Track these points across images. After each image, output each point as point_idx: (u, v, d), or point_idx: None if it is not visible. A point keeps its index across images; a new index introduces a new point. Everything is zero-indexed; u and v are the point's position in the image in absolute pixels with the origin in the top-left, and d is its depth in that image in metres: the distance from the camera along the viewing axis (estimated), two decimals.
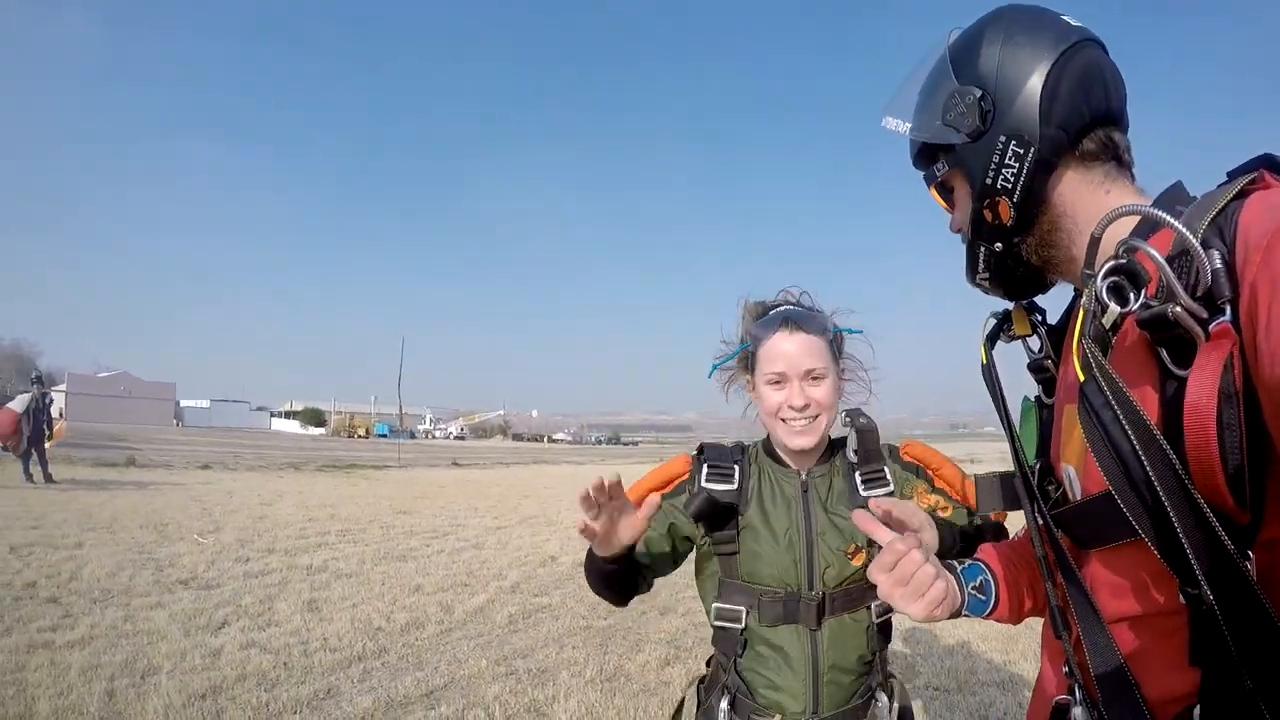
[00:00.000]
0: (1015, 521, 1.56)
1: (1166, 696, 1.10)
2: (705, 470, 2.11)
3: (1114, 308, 1.08)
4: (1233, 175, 1.14)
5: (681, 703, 2.23)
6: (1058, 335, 1.46)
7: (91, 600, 7.33)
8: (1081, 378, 1.10)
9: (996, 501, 1.55)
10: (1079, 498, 1.26)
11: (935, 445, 2.15)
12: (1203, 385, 0.92)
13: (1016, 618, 1.59)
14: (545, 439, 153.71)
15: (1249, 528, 0.96)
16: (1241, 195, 1.06)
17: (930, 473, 2.13)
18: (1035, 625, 1.55)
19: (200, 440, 48.49)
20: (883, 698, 2.02)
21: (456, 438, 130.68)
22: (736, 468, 2.11)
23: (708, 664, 2.20)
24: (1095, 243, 1.16)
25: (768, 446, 2.17)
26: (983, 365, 1.51)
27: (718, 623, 2.06)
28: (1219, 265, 0.97)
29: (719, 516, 2.05)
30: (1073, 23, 1.31)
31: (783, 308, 2.15)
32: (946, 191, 1.45)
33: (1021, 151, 1.26)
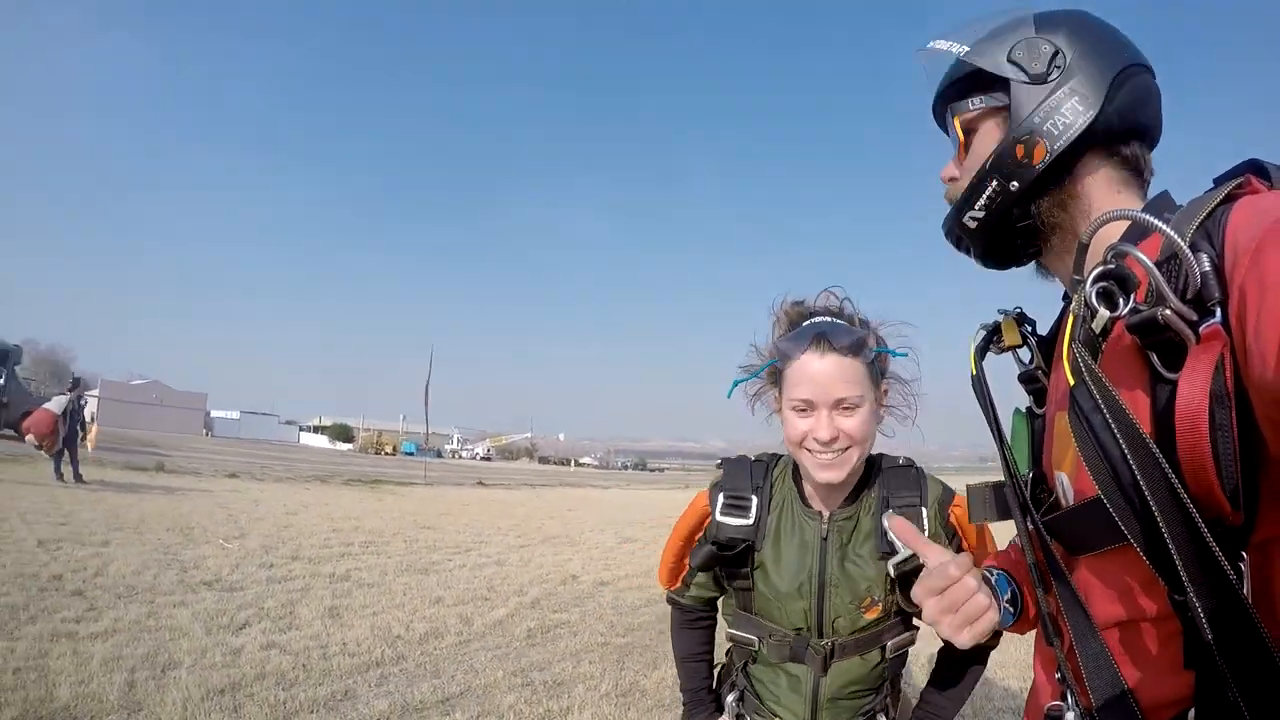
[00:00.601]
0: (1007, 530, 1.52)
1: (1161, 701, 1.10)
2: (721, 502, 1.98)
3: (1103, 312, 1.08)
4: (1219, 181, 1.15)
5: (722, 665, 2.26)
6: (1047, 346, 1.46)
7: (116, 595, 7.39)
8: (1072, 382, 1.10)
9: (989, 511, 1.53)
10: (1071, 504, 1.25)
11: (966, 478, 1.98)
12: (1194, 387, 0.93)
13: (1029, 626, 1.58)
14: (571, 463, 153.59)
15: (1242, 529, 0.96)
16: (1229, 200, 1.07)
17: (964, 544, 1.92)
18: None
19: (229, 450, 48.86)
20: (882, 719, 1.98)
21: (483, 458, 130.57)
22: (755, 498, 1.96)
23: (726, 654, 2.19)
24: (1084, 248, 1.17)
25: (796, 470, 1.97)
26: (972, 376, 1.49)
27: (732, 640, 2.07)
28: (1208, 268, 0.97)
29: (733, 555, 1.94)
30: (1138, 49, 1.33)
31: (817, 320, 1.89)
32: (966, 131, 1.42)
33: (1081, 108, 1.26)
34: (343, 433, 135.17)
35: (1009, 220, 1.36)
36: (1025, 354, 1.49)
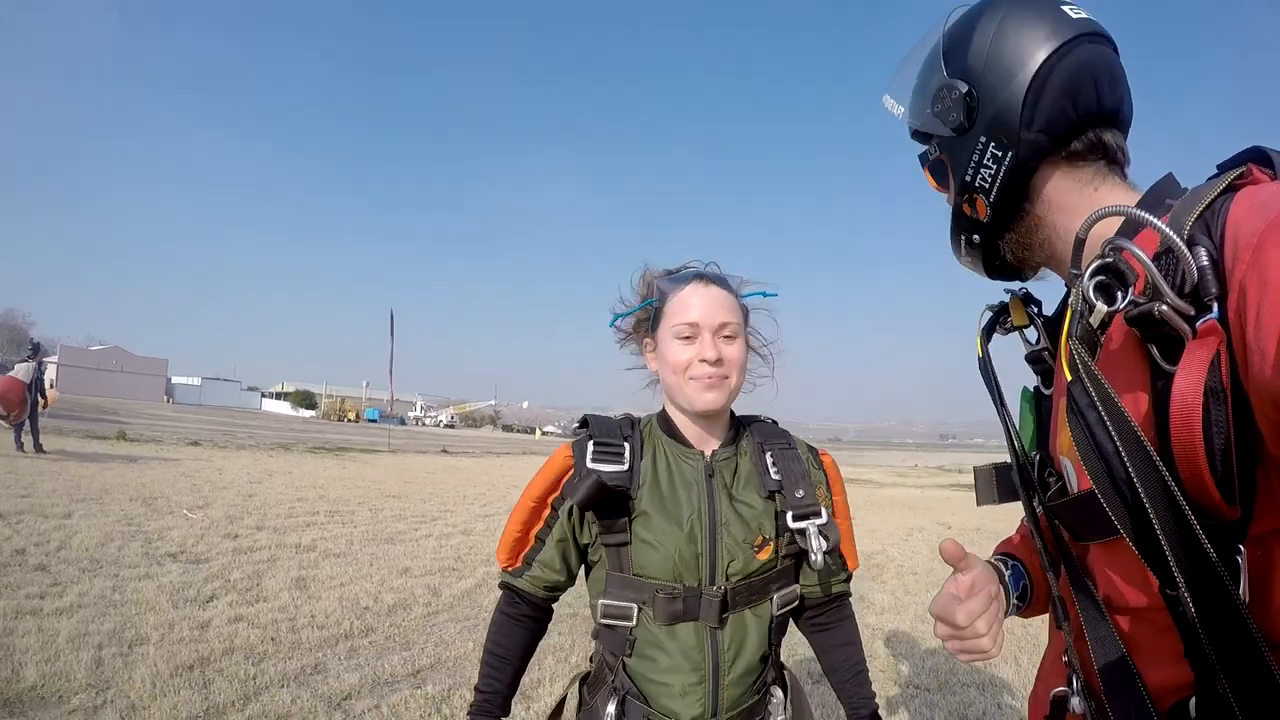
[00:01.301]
0: (1013, 513, 1.53)
1: (1166, 686, 1.10)
2: (591, 449, 1.89)
3: (1101, 307, 1.08)
4: (1223, 168, 1.14)
5: (561, 701, 2.07)
6: (1054, 326, 1.45)
7: (80, 569, 7.34)
8: (1069, 378, 1.09)
9: (994, 493, 1.55)
10: (1075, 491, 1.26)
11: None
12: (1188, 382, 0.92)
13: (1037, 611, 1.58)
14: (536, 431, 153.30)
15: (1239, 523, 0.96)
16: (1231, 190, 1.06)
17: (831, 491, 2.00)
18: (1015, 628, 1.53)
19: (191, 417, 48.44)
20: (777, 692, 1.93)
21: (447, 426, 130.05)
22: (627, 445, 1.91)
23: (590, 659, 2.01)
24: (1080, 243, 1.16)
25: (665, 423, 1.97)
26: (979, 358, 1.51)
27: (604, 620, 1.86)
28: (1205, 262, 0.97)
29: (609, 503, 1.83)
30: (1073, 14, 1.27)
31: (691, 268, 1.99)
32: (941, 171, 1.43)
33: (1000, 154, 1.28)
34: (305, 399, 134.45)
35: (989, 259, 1.42)
36: (1032, 333, 1.48)
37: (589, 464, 1.86)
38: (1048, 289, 1.49)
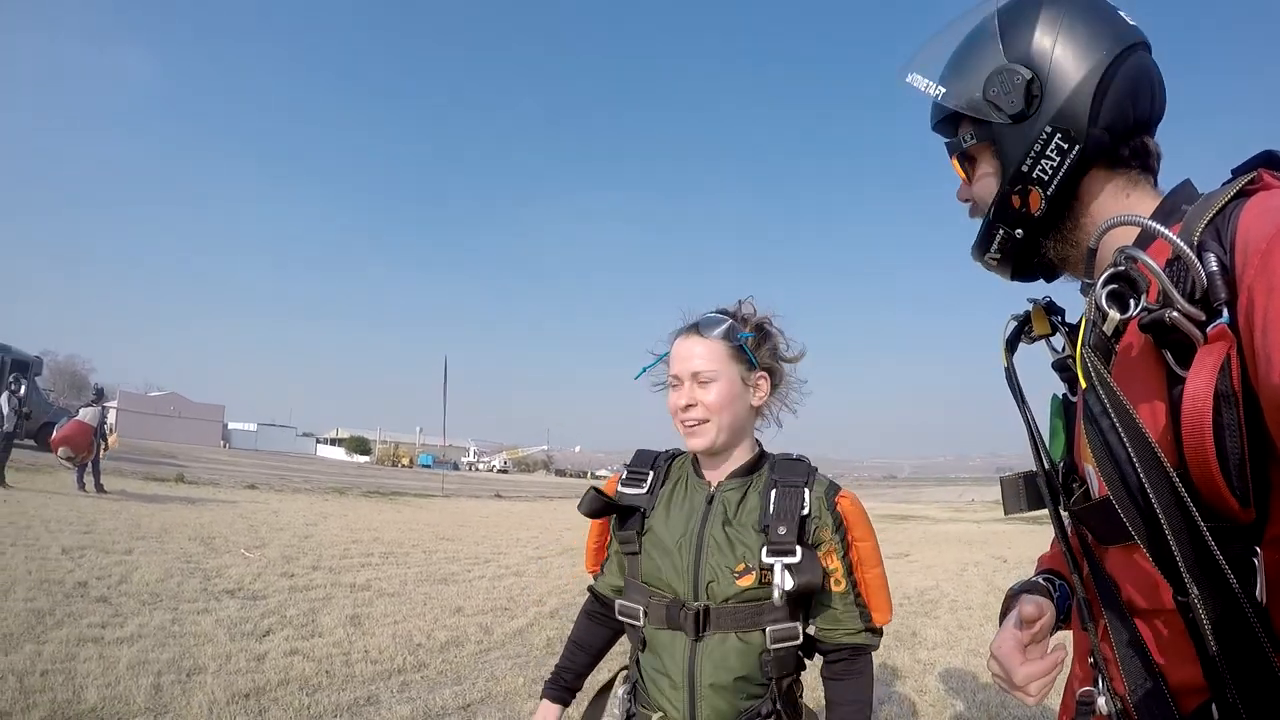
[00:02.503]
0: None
1: (1188, 687, 1.10)
2: (625, 474, 2.20)
3: (1114, 315, 1.08)
4: (1236, 172, 1.15)
5: (610, 681, 2.26)
6: (1078, 333, 1.39)
7: (140, 602, 7.45)
8: (1083, 386, 1.09)
9: (1021, 502, 1.55)
10: (1097, 496, 1.25)
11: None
12: (1198, 387, 0.93)
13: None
14: (588, 474, 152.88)
15: (1255, 526, 0.97)
16: (1242, 195, 1.07)
17: (850, 536, 2.00)
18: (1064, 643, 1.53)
19: (247, 461, 48.95)
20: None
21: (500, 470, 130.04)
22: (652, 473, 2.16)
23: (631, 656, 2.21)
24: (1092, 253, 1.17)
25: (695, 456, 2.16)
26: (1005, 368, 1.51)
27: (622, 617, 2.11)
28: (1214, 268, 0.98)
29: (625, 518, 2.12)
30: (1129, 21, 1.27)
31: (701, 316, 2.14)
32: (967, 160, 1.42)
33: (1066, 147, 1.24)
34: (359, 445, 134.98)
35: (1027, 257, 1.38)
36: (1058, 341, 1.47)
37: (620, 488, 2.16)
38: (1070, 297, 1.47)
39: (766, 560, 1.90)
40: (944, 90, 1.37)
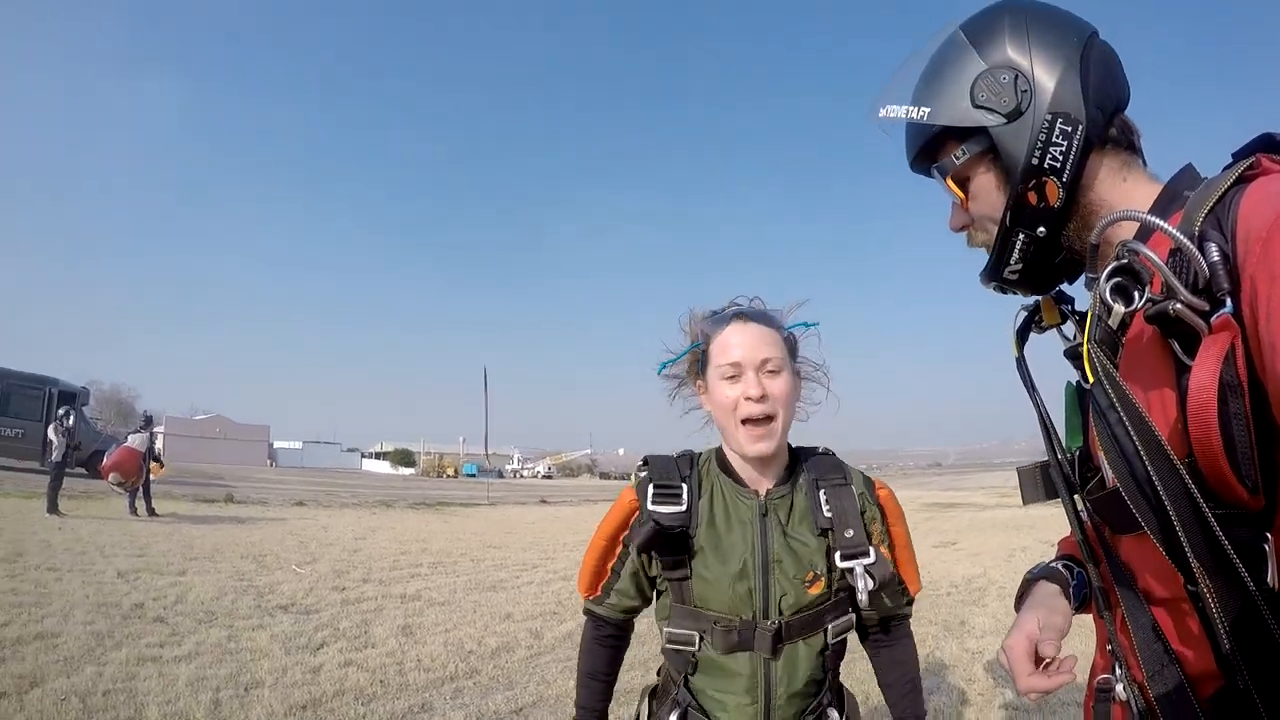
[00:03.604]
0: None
1: (1205, 673, 1.10)
2: (651, 492, 1.97)
3: (1118, 308, 1.09)
4: (1237, 156, 1.15)
5: (637, 716, 2.15)
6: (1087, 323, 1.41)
7: (196, 621, 7.57)
8: (1090, 379, 1.11)
9: (1039, 491, 1.54)
10: (1109, 486, 1.24)
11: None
12: (1203, 377, 0.93)
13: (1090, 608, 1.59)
14: (632, 476, 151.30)
15: (1264, 513, 0.97)
16: (1242, 181, 1.07)
17: (888, 522, 2.02)
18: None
19: (294, 479, 49.34)
20: (834, 715, 1.96)
21: (544, 476, 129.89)
22: (685, 485, 1.97)
23: (658, 673, 2.12)
24: (1095, 248, 1.17)
25: (722, 459, 2.04)
26: (1015, 358, 1.49)
27: (670, 644, 1.95)
28: (1215, 258, 0.98)
29: (669, 542, 1.90)
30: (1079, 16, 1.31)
31: (734, 307, 2.05)
32: (958, 183, 1.39)
33: (1069, 129, 1.23)
34: (404, 457, 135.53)
35: (1049, 257, 1.35)
36: (1069, 329, 1.47)
37: (650, 506, 1.94)
38: (1075, 287, 1.47)
39: (842, 564, 1.88)
40: (928, 110, 1.35)
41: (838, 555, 1.89)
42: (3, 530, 12.99)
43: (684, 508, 1.94)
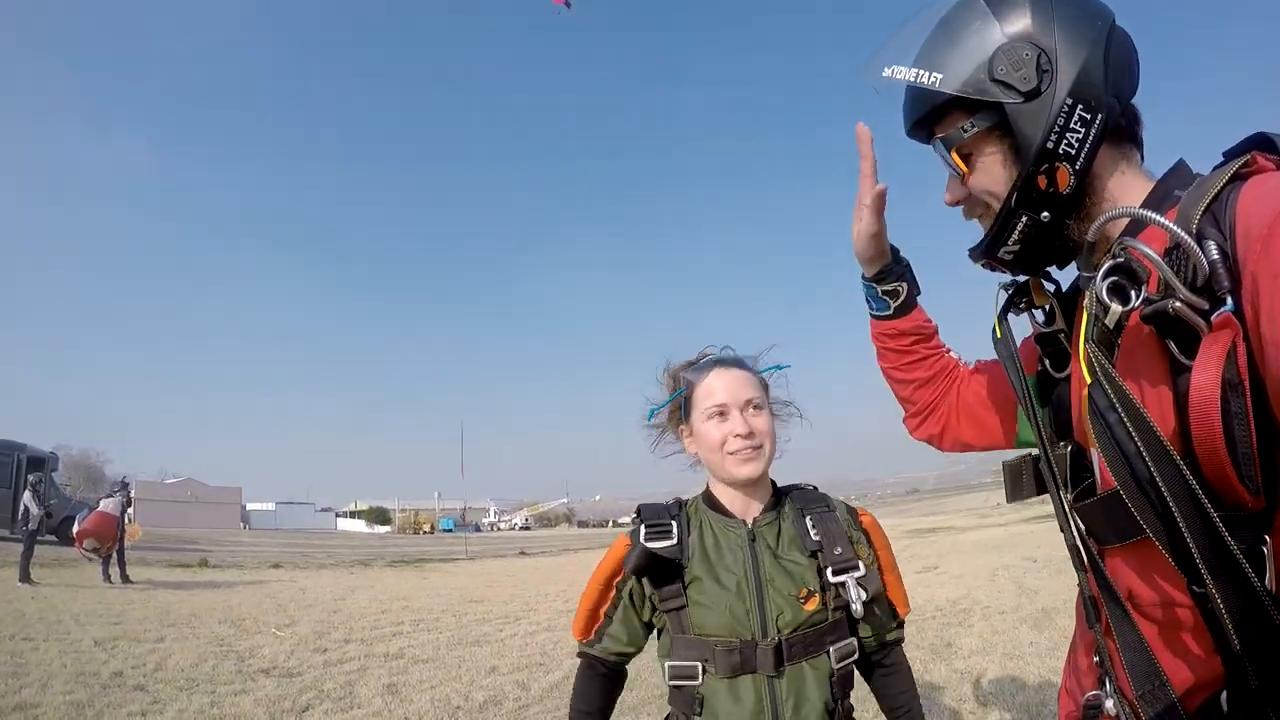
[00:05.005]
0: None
1: (1194, 684, 1.10)
2: (644, 531, 2.03)
3: (1115, 308, 1.08)
4: (1229, 155, 1.15)
5: None
6: (1069, 304, 1.42)
7: (178, 688, 7.44)
8: (1088, 380, 1.10)
9: (1024, 488, 1.53)
10: (1101, 484, 1.25)
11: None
12: (1205, 376, 0.93)
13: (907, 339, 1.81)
14: (610, 523, 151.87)
15: (1264, 513, 0.97)
16: (1238, 178, 1.07)
17: (875, 547, 2.12)
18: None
19: (269, 541, 48.86)
20: None
21: (522, 528, 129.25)
22: (674, 523, 2.05)
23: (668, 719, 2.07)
24: (1091, 246, 1.19)
25: (709, 498, 2.12)
26: (996, 340, 1.47)
27: (673, 682, 1.96)
28: (1215, 256, 0.98)
29: (663, 572, 1.99)
30: None
31: (710, 356, 2.21)
32: (975, 148, 1.34)
33: (1089, 117, 1.20)
34: (380, 515, 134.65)
35: (1047, 243, 1.32)
36: (1040, 314, 1.46)
37: (643, 542, 2.00)
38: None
39: (833, 579, 1.94)
40: (940, 76, 1.28)
41: (829, 571, 1.96)
42: None
43: (674, 541, 2.00)
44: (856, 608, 1.91)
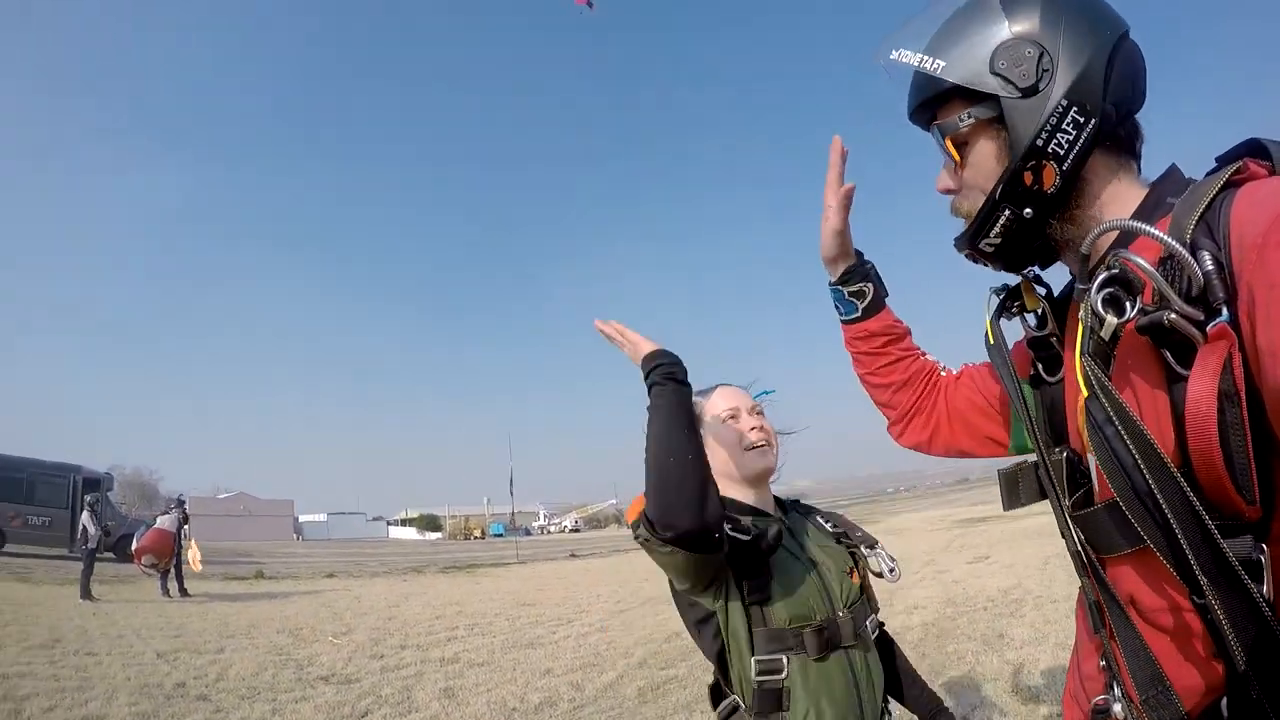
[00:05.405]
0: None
1: (1197, 688, 1.11)
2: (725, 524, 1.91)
3: (1111, 320, 1.08)
4: (1221, 161, 1.16)
5: None
6: (1061, 308, 1.42)
7: (239, 697, 7.58)
8: (1085, 394, 1.10)
9: (1020, 496, 1.53)
10: (1099, 493, 1.25)
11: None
12: (1202, 387, 0.94)
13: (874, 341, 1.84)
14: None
15: (1261, 522, 0.98)
16: (1231, 185, 1.07)
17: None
18: None
19: (321, 551, 49.40)
20: (894, 708, 2.09)
21: (572, 530, 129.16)
22: (744, 520, 1.97)
23: None
24: (1086, 258, 1.20)
25: (732, 504, 2.07)
26: (989, 344, 1.47)
27: (759, 678, 1.86)
28: (1210, 267, 0.99)
29: (754, 562, 1.90)
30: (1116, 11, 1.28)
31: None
32: (957, 146, 1.35)
33: (1082, 120, 1.20)
34: (430, 522, 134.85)
35: (1027, 241, 1.33)
36: (1032, 318, 1.46)
37: (729, 532, 1.88)
38: (1053, 272, 1.45)
39: (867, 553, 2.13)
40: (942, 64, 1.29)
41: (862, 547, 2.13)
42: (39, 617, 13.02)
43: (759, 531, 1.93)
44: (896, 572, 2.11)
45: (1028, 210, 1.27)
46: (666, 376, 1.80)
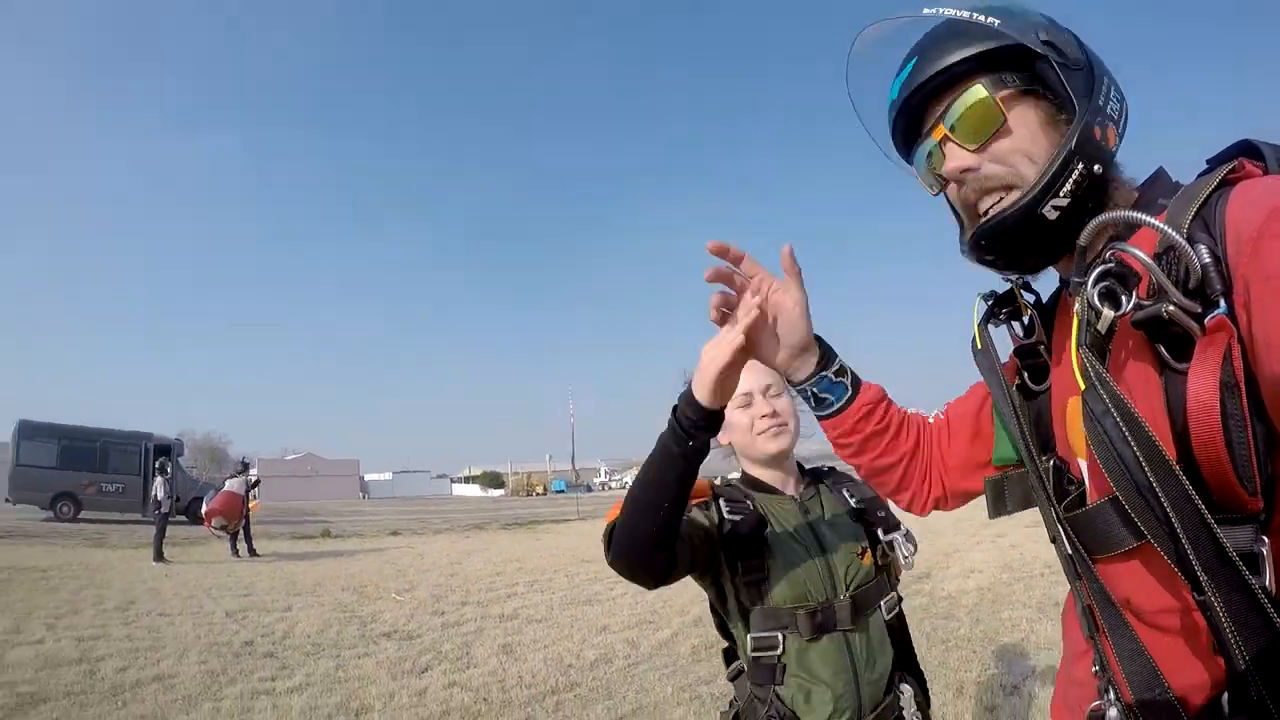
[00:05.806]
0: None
1: (1195, 687, 1.09)
2: (723, 504, 2.04)
3: (1107, 313, 1.08)
4: (1212, 163, 1.15)
5: None
6: (1046, 315, 1.41)
7: (304, 653, 7.83)
8: (1082, 386, 1.09)
9: (1006, 503, 1.51)
10: (1092, 499, 1.23)
11: None
12: (1204, 380, 0.93)
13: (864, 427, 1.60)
14: (719, 478, 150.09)
15: (1260, 516, 0.97)
16: (1226, 184, 1.07)
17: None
18: None
19: (386, 509, 50.12)
20: (905, 688, 2.06)
21: None
22: (748, 501, 2.08)
23: (732, 703, 2.09)
24: (1083, 251, 1.17)
25: (749, 481, 2.22)
26: (976, 350, 1.45)
27: (754, 654, 1.96)
28: (1207, 260, 0.98)
29: (748, 544, 1.99)
30: None
31: None
32: (1024, 100, 1.26)
33: (1118, 95, 1.22)
34: (493, 479, 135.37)
35: (1080, 218, 1.19)
36: (1019, 326, 1.44)
37: (727, 515, 2.03)
38: (1041, 282, 1.41)
39: (885, 537, 2.10)
40: (997, 21, 1.22)
41: (880, 531, 2.11)
42: (113, 581, 13.44)
43: (752, 514, 2.03)
44: (911, 560, 2.09)
45: (1098, 165, 1.18)
46: (679, 421, 1.65)
